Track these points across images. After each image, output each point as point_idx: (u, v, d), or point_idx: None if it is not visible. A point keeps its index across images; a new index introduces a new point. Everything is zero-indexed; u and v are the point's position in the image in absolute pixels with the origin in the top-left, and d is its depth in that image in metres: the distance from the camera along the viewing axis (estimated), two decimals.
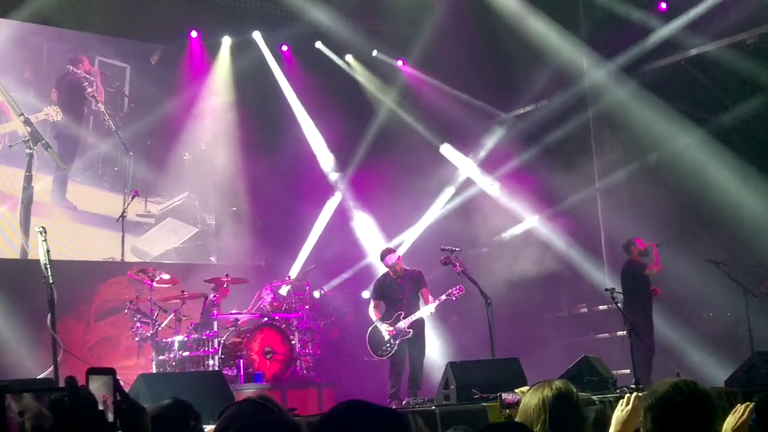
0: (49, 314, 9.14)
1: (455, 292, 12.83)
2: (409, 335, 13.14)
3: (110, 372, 3.32)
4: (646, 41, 16.38)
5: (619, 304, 12.33)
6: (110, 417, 3.25)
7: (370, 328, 13.44)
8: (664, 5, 16.52)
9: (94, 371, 3.29)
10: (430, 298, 13.20)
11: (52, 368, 9.32)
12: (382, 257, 13.66)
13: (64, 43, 16.72)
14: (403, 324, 13.12)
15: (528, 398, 4.75)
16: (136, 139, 17.03)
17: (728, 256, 14.24)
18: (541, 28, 17.10)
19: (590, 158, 17.49)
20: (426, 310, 13.17)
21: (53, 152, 15.93)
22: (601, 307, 16.99)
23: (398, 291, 13.43)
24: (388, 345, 13.15)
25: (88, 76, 16.73)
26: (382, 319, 13.29)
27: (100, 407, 3.21)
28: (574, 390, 4.83)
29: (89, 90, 16.70)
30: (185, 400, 4.58)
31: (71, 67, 16.63)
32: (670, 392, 4.02)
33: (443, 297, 12.93)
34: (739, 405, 5.18)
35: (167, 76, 17.58)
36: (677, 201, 16.02)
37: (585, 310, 17.87)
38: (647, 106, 16.36)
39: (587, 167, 17.46)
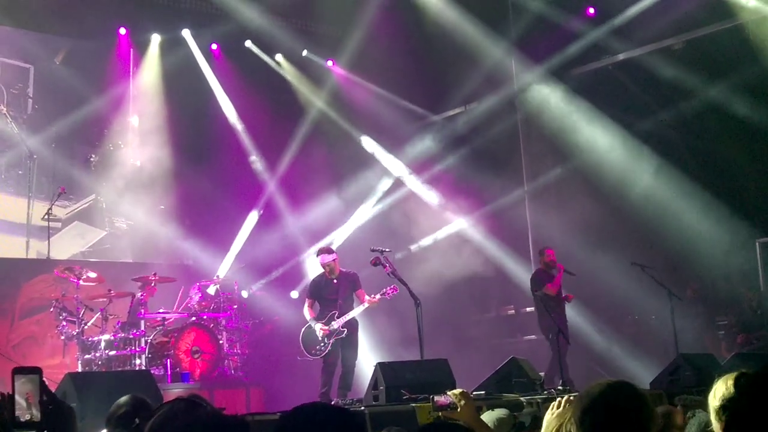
0: None
1: (389, 291, 12.77)
2: (343, 335, 13.07)
3: (36, 371, 3.29)
4: (575, 46, 16.56)
5: (546, 306, 12.45)
6: (36, 416, 3.22)
7: (303, 328, 13.31)
8: (592, 10, 16.73)
9: (20, 371, 3.26)
10: (367, 297, 13.15)
11: None
12: (319, 256, 13.52)
13: None
14: (336, 324, 13.04)
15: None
16: (41, 141, 16.51)
17: (653, 259, 14.42)
18: (471, 31, 17.20)
19: (519, 161, 17.66)
20: (360, 308, 13.13)
21: None
22: (528, 309, 17.09)
23: (333, 291, 13.31)
24: (321, 344, 13.07)
25: None
26: (316, 319, 13.20)
27: (23, 405, 3.19)
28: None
29: None
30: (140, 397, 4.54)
31: None
32: (608, 394, 3.95)
33: (378, 296, 12.88)
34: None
35: (74, 76, 16.89)
36: (604, 203, 16.22)
37: (513, 311, 18.00)
38: (575, 109, 16.56)
39: (516, 169, 17.62)
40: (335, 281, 13.32)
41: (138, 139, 17.89)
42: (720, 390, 4.69)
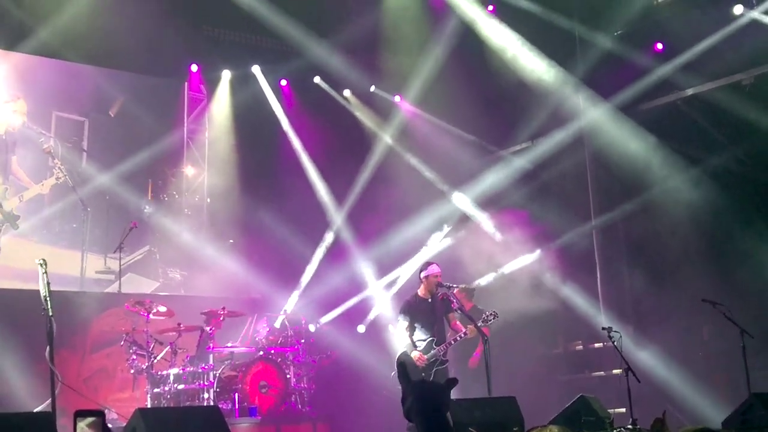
0: (48, 347, 9.10)
1: (490, 317, 12.32)
2: (445, 366, 12.40)
3: (99, 414, 3.34)
4: (643, 81, 16.45)
5: (615, 343, 12.30)
6: None
7: (399, 354, 12.52)
8: (660, 46, 16.65)
9: (82, 413, 3.31)
10: (459, 324, 12.46)
11: (49, 401, 9.29)
12: (424, 268, 12.74)
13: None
14: (436, 352, 12.30)
15: None
16: (95, 194, 16.69)
17: (724, 295, 14.19)
18: (539, 67, 17.20)
19: (586, 196, 17.54)
20: (458, 336, 12.35)
21: (4, 212, 15.74)
22: (596, 345, 16.98)
23: (429, 313, 12.55)
24: (423, 375, 12.15)
25: (43, 131, 16.42)
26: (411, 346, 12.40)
27: None
28: None
29: (45, 146, 16.36)
30: None
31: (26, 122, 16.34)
32: None
33: (480, 323, 12.09)
34: None
35: (129, 130, 17.28)
36: (673, 239, 16.07)
37: (580, 347, 17.85)
38: (643, 144, 16.44)
39: (583, 205, 17.51)
40: (430, 301, 12.64)
41: (210, 173, 18.13)
42: None
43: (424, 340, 12.46)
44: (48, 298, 9.36)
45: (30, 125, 16.36)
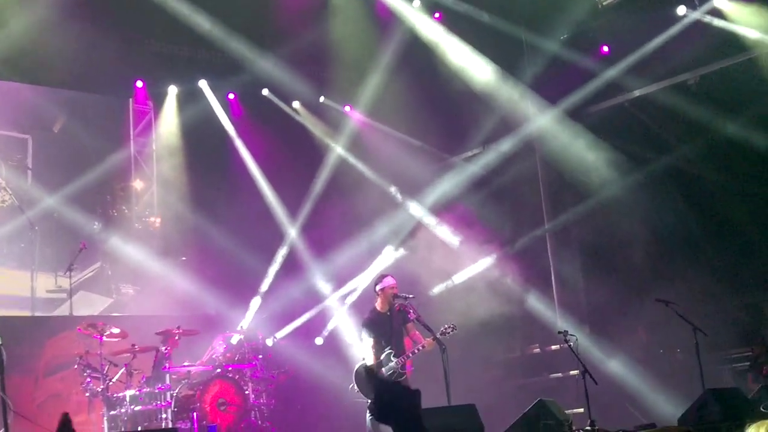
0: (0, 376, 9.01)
1: (448, 330, 11.97)
2: (403, 378, 12.03)
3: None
4: (590, 84, 16.56)
5: (571, 345, 12.30)
6: None
7: (357, 367, 12.36)
8: (606, 49, 16.76)
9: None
10: (418, 334, 12.15)
11: (2, 430, 9.17)
12: (378, 281, 12.44)
13: None
14: (395, 364, 11.95)
15: None
16: (43, 212, 16.31)
17: (678, 295, 14.28)
18: (487, 74, 17.26)
19: (539, 200, 17.61)
20: (417, 349, 11.97)
21: None
22: (553, 347, 17.05)
23: (387, 326, 12.19)
24: None
25: None
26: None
27: None
28: None
29: None
30: None
31: None
32: None
33: (438, 335, 11.72)
34: None
35: (73, 145, 17.00)
36: (624, 240, 16.16)
37: (538, 350, 17.90)
38: (593, 147, 16.54)
39: (536, 208, 17.58)
40: (388, 314, 12.31)
41: (160, 190, 17.99)
42: None
43: (381, 354, 12.18)
44: None
45: None
